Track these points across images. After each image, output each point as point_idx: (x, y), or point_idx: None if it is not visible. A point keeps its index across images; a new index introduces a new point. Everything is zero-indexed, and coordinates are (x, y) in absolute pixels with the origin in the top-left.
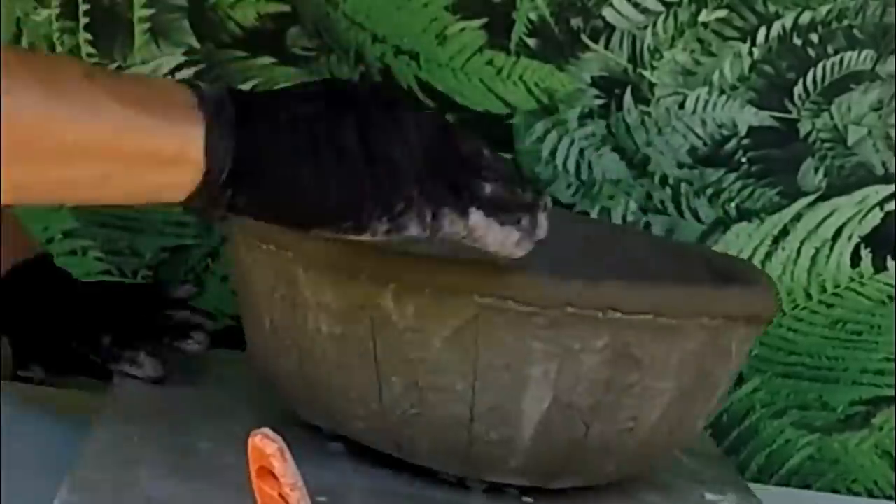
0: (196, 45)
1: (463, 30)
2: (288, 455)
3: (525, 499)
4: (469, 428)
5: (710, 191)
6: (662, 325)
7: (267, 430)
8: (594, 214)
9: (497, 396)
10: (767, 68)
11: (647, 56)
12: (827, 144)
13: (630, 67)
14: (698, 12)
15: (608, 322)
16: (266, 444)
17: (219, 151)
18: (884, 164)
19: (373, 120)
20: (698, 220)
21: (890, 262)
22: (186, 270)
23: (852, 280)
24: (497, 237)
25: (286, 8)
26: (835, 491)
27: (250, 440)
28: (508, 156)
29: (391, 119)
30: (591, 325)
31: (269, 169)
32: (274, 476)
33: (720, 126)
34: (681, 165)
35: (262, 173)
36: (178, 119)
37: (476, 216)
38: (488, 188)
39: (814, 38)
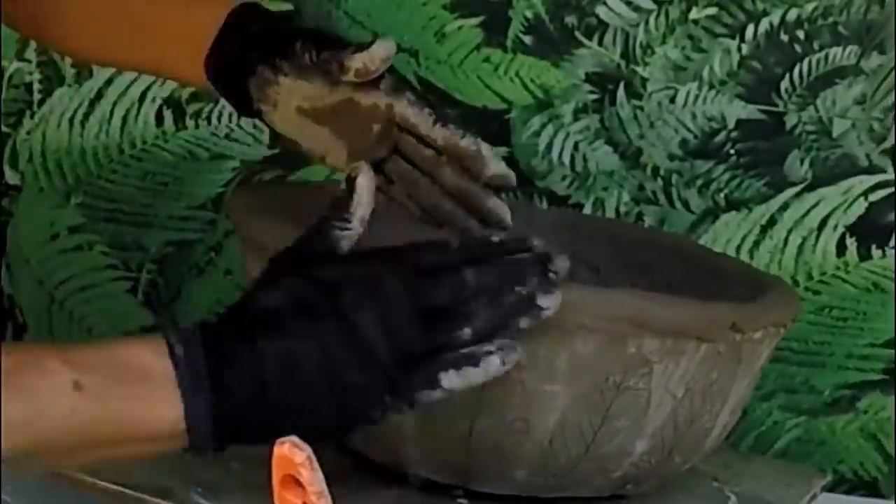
0: None
1: (461, 28)
2: (316, 464)
3: None
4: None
5: (699, 182)
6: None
7: (294, 439)
8: (588, 205)
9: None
10: (755, 64)
11: (639, 52)
12: (812, 137)
13: (623, 63)
14: (689, 10)
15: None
16: (295, 453)
17: (200, 425)
18: (867, 155)
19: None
20: (689, 210)
21: (875, 251)
22: (191, 265)
23: (838, 268)
24: (478, 376)
25: (288, 6)
26: (821, 471)
27: (276, 449)
28: (505, 149)
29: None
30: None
31: (250, 425)
32: (299, 484)
33: (710, 119)
34: (672, 157)
35: (244, 429)
36: (158, 404)
37: (448, 378)
38: (465, 334)
39: (800, 34)
